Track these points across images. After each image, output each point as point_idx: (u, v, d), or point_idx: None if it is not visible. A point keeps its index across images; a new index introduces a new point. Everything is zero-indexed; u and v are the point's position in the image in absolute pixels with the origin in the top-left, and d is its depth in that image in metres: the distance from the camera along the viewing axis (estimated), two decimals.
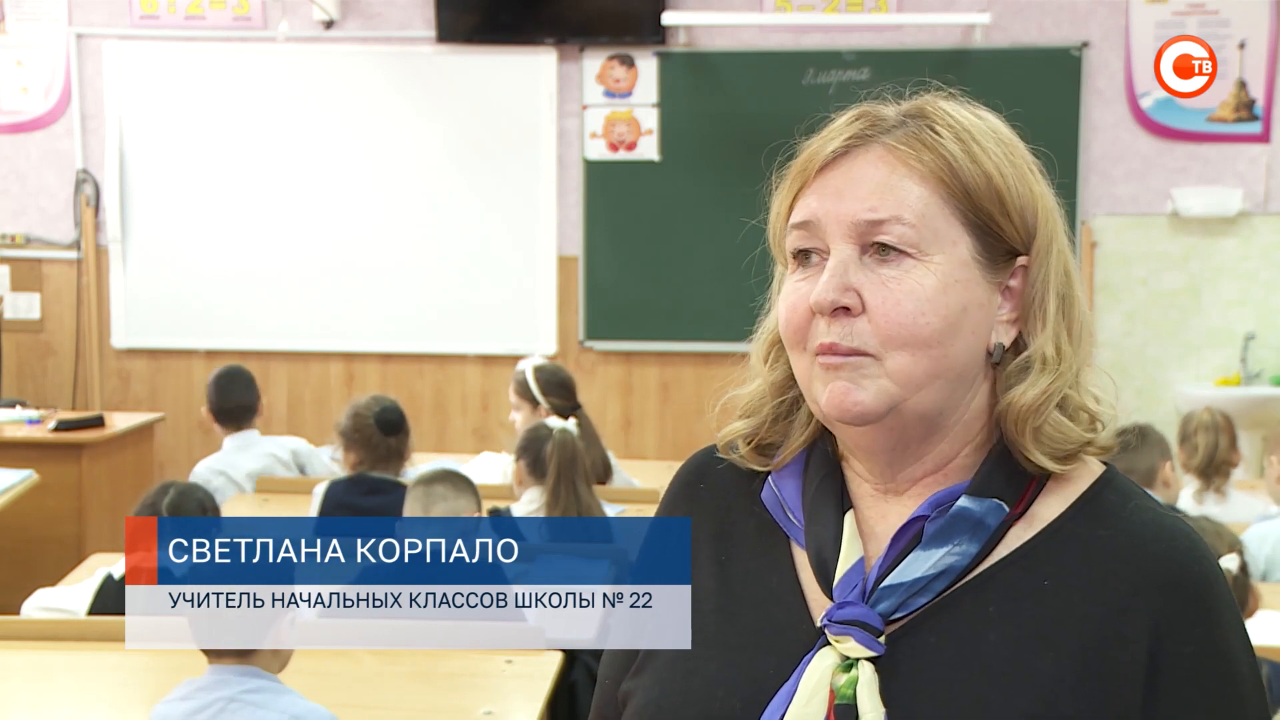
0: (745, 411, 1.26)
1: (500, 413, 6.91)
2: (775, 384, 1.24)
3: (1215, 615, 1.13)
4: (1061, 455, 1.16)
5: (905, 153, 1.15)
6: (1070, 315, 1.19)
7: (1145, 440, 4.02)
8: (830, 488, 1.21)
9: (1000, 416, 1.17)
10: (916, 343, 1.13)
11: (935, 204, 1.14)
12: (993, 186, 1.15)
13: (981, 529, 1.14)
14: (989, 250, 1.16)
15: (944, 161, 1.15)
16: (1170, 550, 1.14)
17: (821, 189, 1.17)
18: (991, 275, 1.16)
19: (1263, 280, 6.59)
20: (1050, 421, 1.15)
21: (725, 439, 1.27)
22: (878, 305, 1.13)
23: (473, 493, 3.51)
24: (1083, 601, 1.12)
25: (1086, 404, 1.18)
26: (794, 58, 6.62)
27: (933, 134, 1.16)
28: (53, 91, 7.00)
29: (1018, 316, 1.18)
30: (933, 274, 1.13)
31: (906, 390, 1.14)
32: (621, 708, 1.24)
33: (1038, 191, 1.19)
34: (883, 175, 1.15)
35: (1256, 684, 1.15)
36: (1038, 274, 1.17)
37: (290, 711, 2.38)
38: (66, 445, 5.66)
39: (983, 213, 1.15)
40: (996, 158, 1.16)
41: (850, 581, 1.15)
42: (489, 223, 6.88)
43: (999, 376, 1.18)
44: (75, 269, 7.05)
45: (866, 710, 1.10)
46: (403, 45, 6.84)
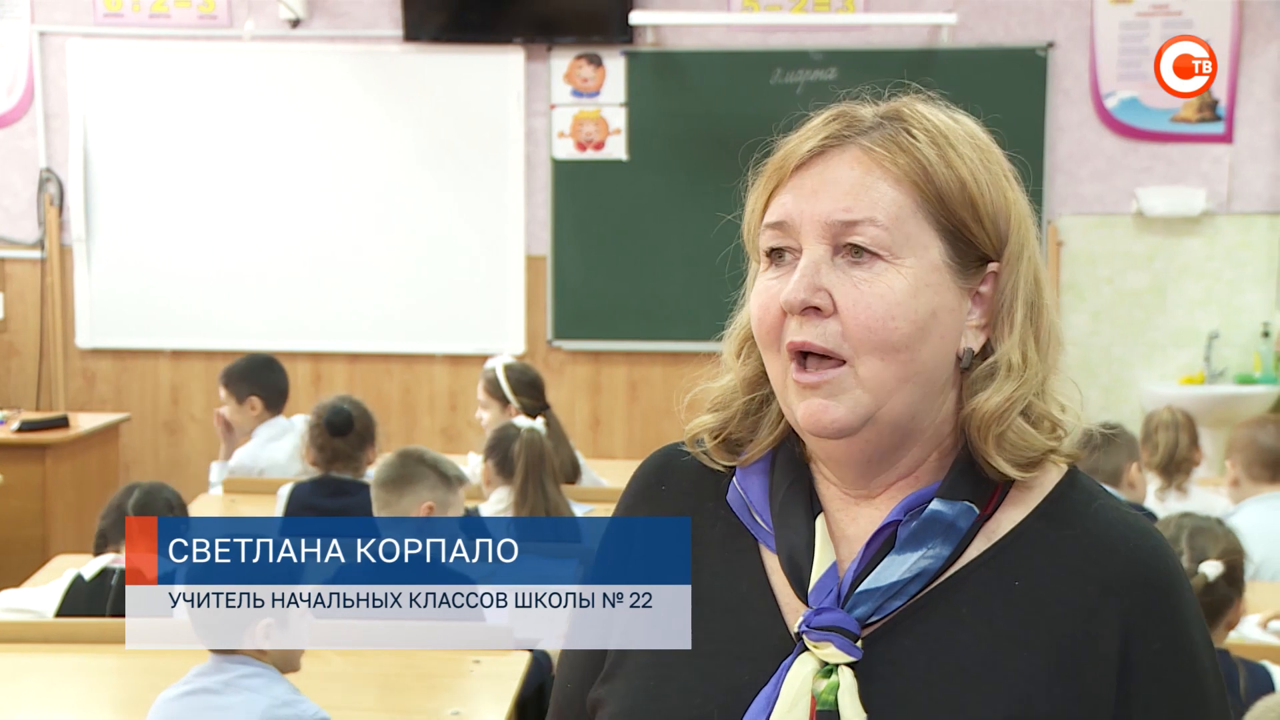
0: (715, 406, 1.26)
1: (468, 412, 6.89)
2: (747, 380, 1.24)
3: (1179, 612, 1.15)
4: (1024, 462, 1.16)
5: (881, 155, 1.15)
6: (1038, 323, 1.20)
7: (1112, 442, 4.04)
8: (799, 491, 1.21)
9: (964, 422, 1.17)
10: (886, 347, 1.13)
11: (909, 207, 1.14)
12: (966, 192, 1.16)
13: (954, 531, 1.15)
14: (960, 255, 1.16)
15: (919, 165, 1.15)
16: (1136, 550, 1.15)
17: (797, 188, 1.17)
18: (962, 280, 1.16)
19: (1226, 279, 6.65)
20: (1014, 429, 1.16)
21: (692, 432, 1.27)
22: (848, 307, 1.13)
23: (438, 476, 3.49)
24: (1052, 601, 1.13)
25: (1051, 412, 1.18)
26: (761, 57, 6.63)
27: (909, 137, 1.16)
28: (15, 89, 6.95)
29: (987, 323, 1.18)
30: (904, 277, 1.14)
31: (879, 398, 1.14)
32: (591, 714, 1.23)
33: (1011, 199, 1.19)
34: (858, 176, 1.15)
35: (1217, 677, 1.17)
36: (1007, 281, 1.18)
37: (281, 699, 2.41)
38: (31, 446, 5.62)
39: (955, 218, 1.15)
40: (972, 163, 1.17)
41: (825, 587, 1.15)
42: (456, 222, 6.87)
43: (966, 382, 1.18)
44: (39, 268, 7.00)
45: (849, 715, 1.11)
46: (369, 44, 6.82)
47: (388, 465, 3.50)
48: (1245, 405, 6.30)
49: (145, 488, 3.53)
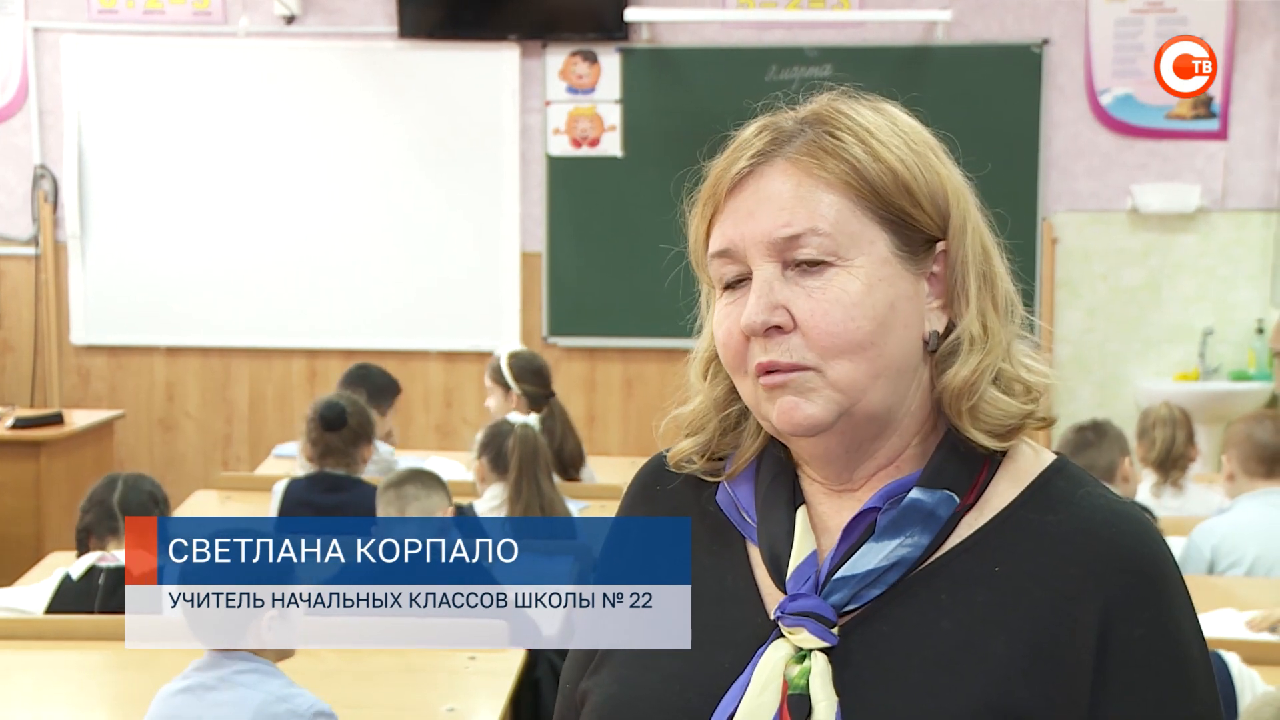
0: (691, 430, 1.27)
1: (463, 409, 6.89)
2: (718, 400, 1.25)
3: (1165, 599, 1.14)
4: (1002, 431, 1.17)
5: (809, 163, 1.16)
6: (994, 290, 1.20)
7: (1104, 436, 4.05)
8: (782, 486, 1.22)
9: (938, 401, 1.18)
10: (852, 348, 1.14)
11: (847, 208, 1.15)
12: (899, 180, 1.16)
13: (933, 520, 1.15)
14: (908, 242, 1.17)
15: (848, 165, 1.15)
16: (1120, 535, 1.15)
17: (734, 212, 1.18)
18: (914, 266, 1.17)
19: (1221, 276, 6.65)
20: (986, 398, 1.16)
21: (676, 457, 1.28)
22: (807, 318, 1.14)
23: (443, 489, 3.52)
24: (1034, 587, 1.13)
25: (1020, 375, 1.19)
26: (756, 54, 6.62)
27: (833, 139, 1.16)
28: (9, 86, 6.94)
29: (945, 301, 1.19)
30: (856, 278, 1.14)
31: (852, 396, 1.15)
32: (580, 707, 1.24)
33: (944, 174, 1.19)
34: (791, 189, 1.15)
35: (1206, 668, 1.16)
36: (957, 255, 1.18)
37: (277, 693, 2.42)
38: (24, 443, 5.61)
39: (894, 208, 1.16)
40: (898, 149, 1.16)
41: (803, 574, 1.16)
42: (452, 219, 6.86)
43: (934, 362, 1.19)
44: (33, 265, 6.99)
45: (819, 700, 1.11)
46: (364, 41, 6.81)
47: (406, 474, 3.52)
48: (1239, 402, 6.31)
49: (127, 480, 3.48)
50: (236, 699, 2.40)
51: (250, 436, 7.04)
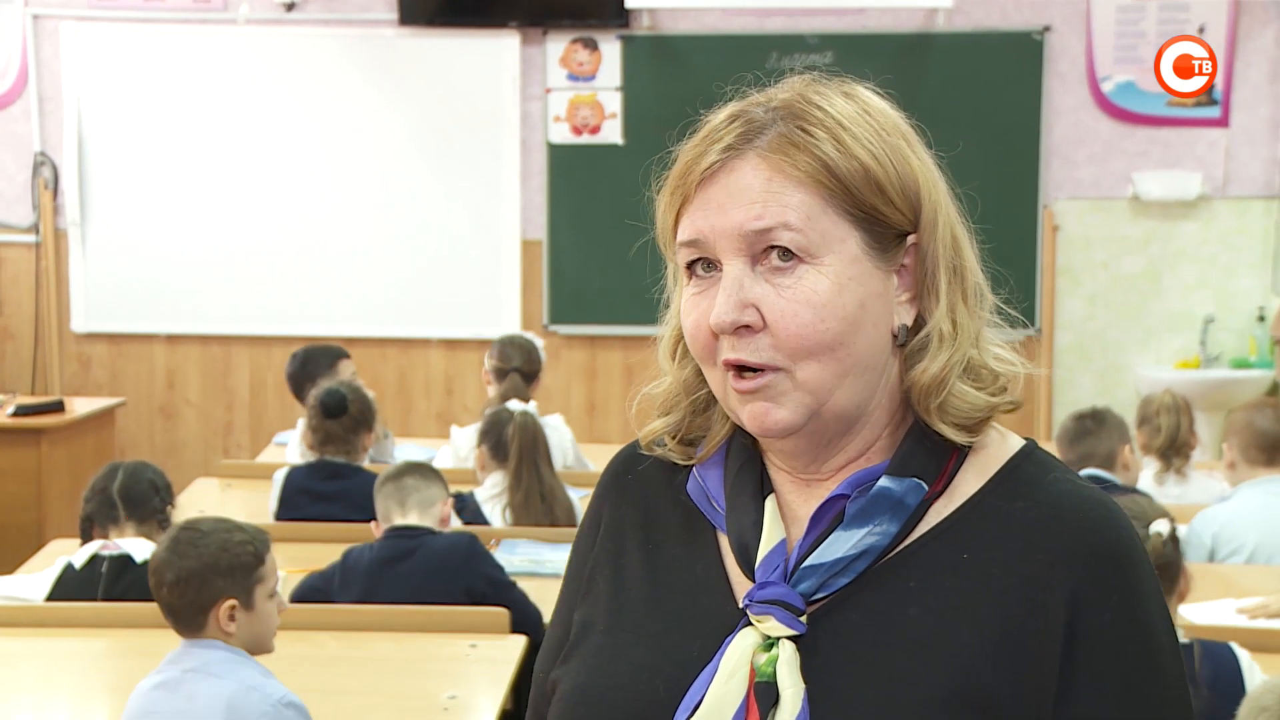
0: (663, 410, 1.27)
1: (464, 397, 6.89)
2: (686, 382, 1.25)
3: (1133, 584, 1.14)
4: (969, 424, 1.17)
5: (779, 159, 1.15)
6: (964, 283, 1.19)
7: (1104, 424, 4.05)
8: (750, 475, 1.21)
9: (906, 394, 1.18)
10: (820, 349, 1.13)
11: (817, 206, 1.14)
12: (871, 177, 1.15)
13: (901, 508, 1.15)
14: (878, 239, 1.16)
15: (819, 163, 1.14)
16: (1087, 520, 1.15)
17: (704, 204, 1.17)
18: (884, 263, 1.16)
19: (1222, 264, 6.65)
20: (954, 392, 1.16)
21: (648, 437, 1.28)
22: (776, 319, 1.13)
23: (441, 481, 3.53)
24: (1001, 573, 1.13)
25: (988, 364, 1.19)
26: (757, 41, 6.61)
27: (805, 134, 1.15)
28: (9, 73, 6.92)
29: (914, 295, 1.18)
30: (825, 277, 1.13)
31: (821, 396, 1.14)
32: (550, 695, 1.24)
33: (916, 166, 1.18)
34: (761, 184, 1.14)
35: (1174, 653, 1.16)
36: (928, 248, 1.17)
37: (248, 682, 2.40)
38: (26, 430, 5.62)
39: (865, 205, 1.15)
40: (870, 144, 1.15)
41: (772, 563, 1.16)
42: (452, 207, 6.86)
43: (903, 356, 1.18)
44: (33, 252, 6.98)
45: (786, 687, 1.11)
46: (364, 28, 6.80)
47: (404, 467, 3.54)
48: (1240, 389, 6.31)
49: (128, 468, 3.46)
50: (208, 690, 2.39)
51: (251, 424, 7.04)
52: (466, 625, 3.20)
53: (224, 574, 2.45)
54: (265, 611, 2.50)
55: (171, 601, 2.46)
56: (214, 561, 2.45)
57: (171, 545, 2.49)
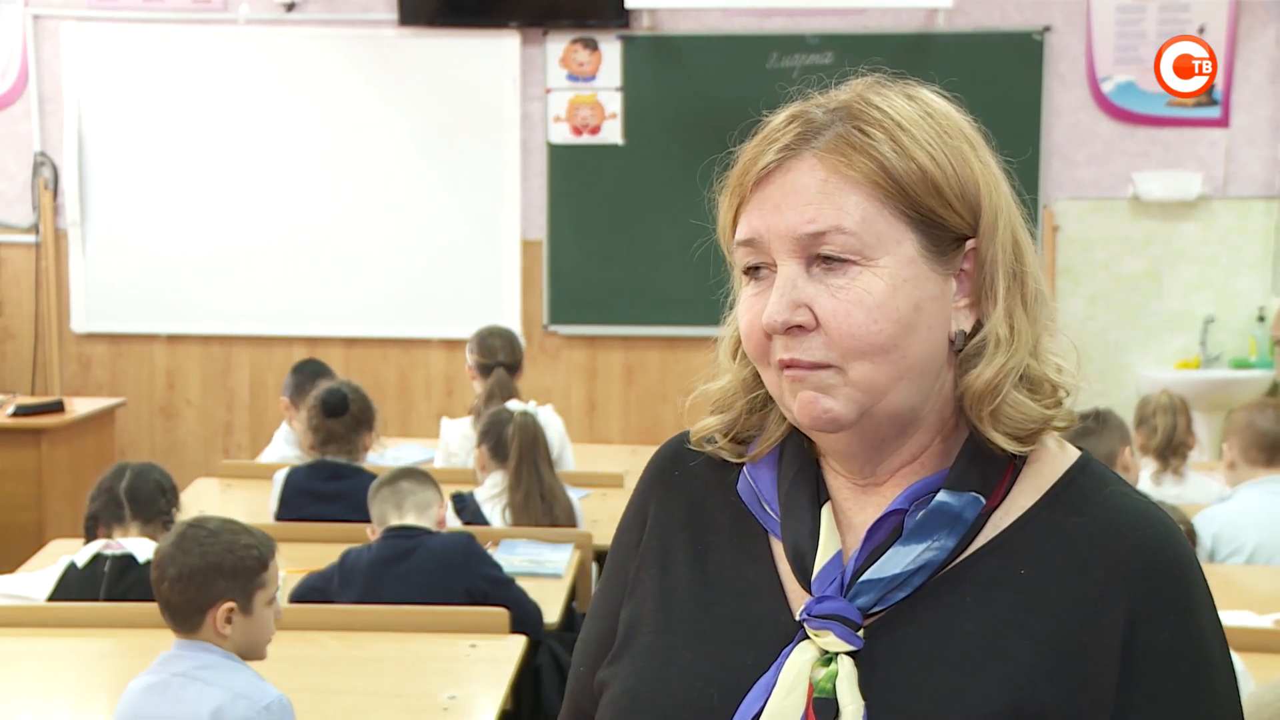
0: (717, 407, 1.26)
1: (465, 397, 6.88)
2: (745, 381, 1.24)
3: (1189, 601, 1.14)
4: (1022, 435, 1.16)
5: (836, 160, 1.14)
6: (1024, 288, 1.18)
7: (1105, 425, 4.04)
8: (805, 481, 1.20)
9: (960, 401, 1.17)
10: (873, 351, 1.12)
11: (873, 208, 1.13)
12: (929, 180, 1.14)
13: (959, 523, 1.14)
14: (935, 242, 1.15)
15: (876, 164, 1.13)
16: (1144, 536, 1.14)
17: (761, 204, 1.16)
18: (942, 266, 1.15)
19: (1222, 264, 6.65)
20: (1009, 401, 1.15)
21: (699, 434, 1.27)
22: (829, 319, 1.12)
23: (435, 485, 3.53)
24: (1058, 589, 1.12)
25: (1048, 374, 1.18)
26: (757, 41, 6.61)
27: (862, 135, 1.14)
28: (9, 73, 6.93)
29: (974, 300, 1.17)
30: (880, 279, 1.12)
31: (874, 396, 1.14)
32: (597, 696, 1.23)
33: (977, 169, 1.17)
34: (817, 185, 1.13)
35: (1229, 670, 1.16)
36: (987, 253, 1.16)
37: (235, 689, 2.38)
38: (26, 430, 5.61)
39: (923, 208, 1.14)
40: (929, 146, 1.14)
41: (829, 575, 1.15)
42: (452, 207, 6.86)
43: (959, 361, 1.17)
44: (34, 253, 6.99)
45: (846, 704, 1.10)
46: (365, 28, 6.80)
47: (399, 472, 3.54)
48: (1240, 390, 6.31)
49: (135, 469, 3.47)
50: (195, 695, 2.37)
51: (251, 424, 7.04)
52: (466, 625, 3.20)
53: (227, 575, 2.44)
54: (263, 618, 2.49)
55: (171, 597, 2.45)
56: (218, 561, 2.44)
57: (178, 541, 2.48)
